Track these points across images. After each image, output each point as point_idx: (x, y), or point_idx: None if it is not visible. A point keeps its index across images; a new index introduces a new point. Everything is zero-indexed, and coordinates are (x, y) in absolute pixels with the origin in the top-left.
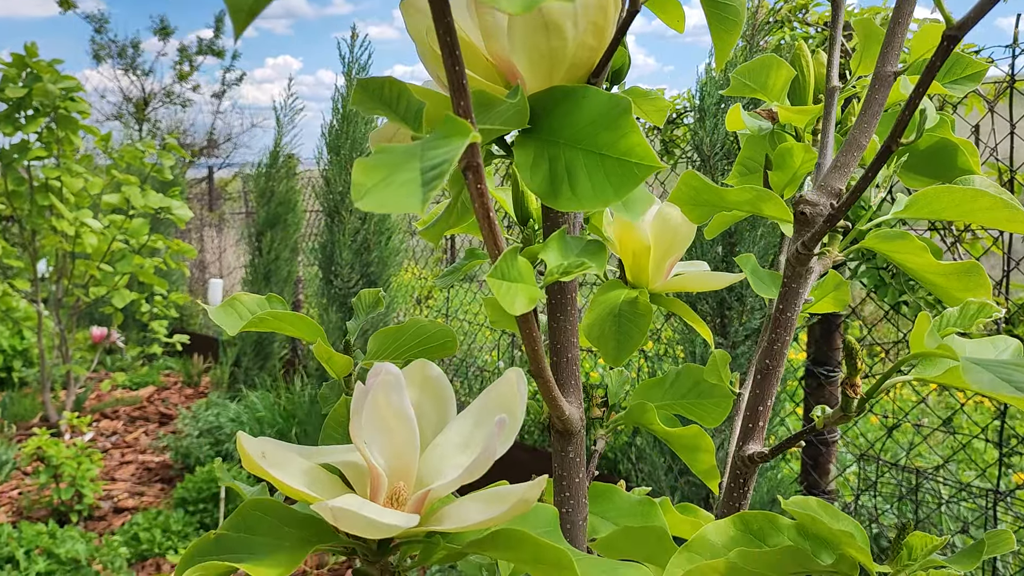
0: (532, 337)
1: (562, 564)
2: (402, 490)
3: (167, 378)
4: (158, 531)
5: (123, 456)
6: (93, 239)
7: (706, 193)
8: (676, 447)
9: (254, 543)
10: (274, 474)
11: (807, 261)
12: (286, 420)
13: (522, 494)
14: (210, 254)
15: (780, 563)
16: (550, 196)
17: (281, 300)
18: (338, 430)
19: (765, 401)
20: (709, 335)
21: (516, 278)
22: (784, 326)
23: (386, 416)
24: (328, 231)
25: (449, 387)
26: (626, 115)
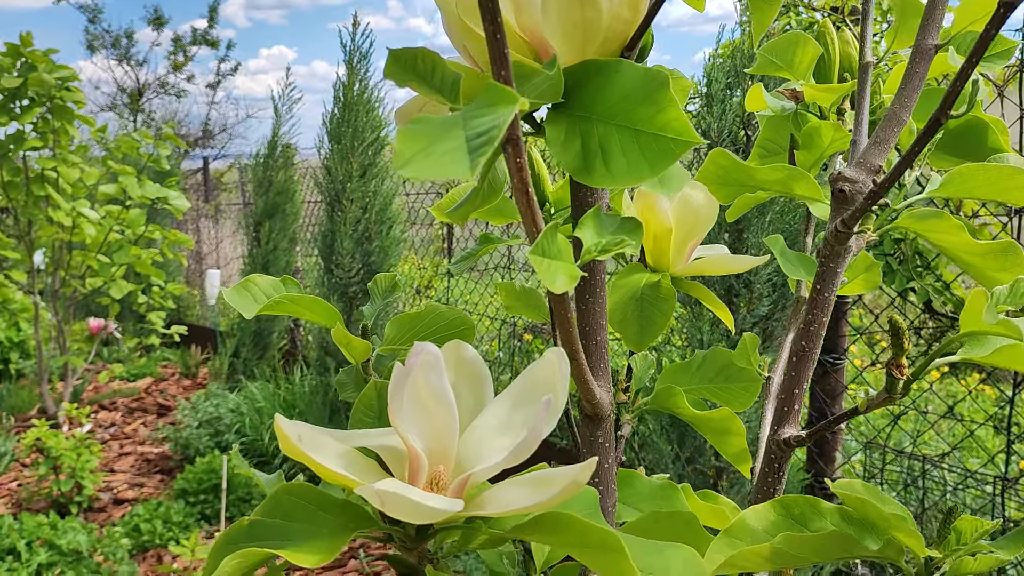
0: (566, 318)
1: (610, 546)
2: (442, 474)
3: (165, 369)
4: (159, 522)
5: (122, 447)
6: (91, 229)
7: (735, 172)
8: (705, 430)
9: (290, 529)
10: (314, 457)
11: (846, 240)
12: (286, 411)
13: (573, 476)
14: (207, 245)
15: (825, 548)
16: (583, 172)
17: (296, 283)
18: (368, 414)
19: (800, 384)
20: (730, 319)
21: (556, 255)
22: (821, 306)
23: (425, 398)
24: (329, 220)
25: (485, 369)
26: (663, 89)
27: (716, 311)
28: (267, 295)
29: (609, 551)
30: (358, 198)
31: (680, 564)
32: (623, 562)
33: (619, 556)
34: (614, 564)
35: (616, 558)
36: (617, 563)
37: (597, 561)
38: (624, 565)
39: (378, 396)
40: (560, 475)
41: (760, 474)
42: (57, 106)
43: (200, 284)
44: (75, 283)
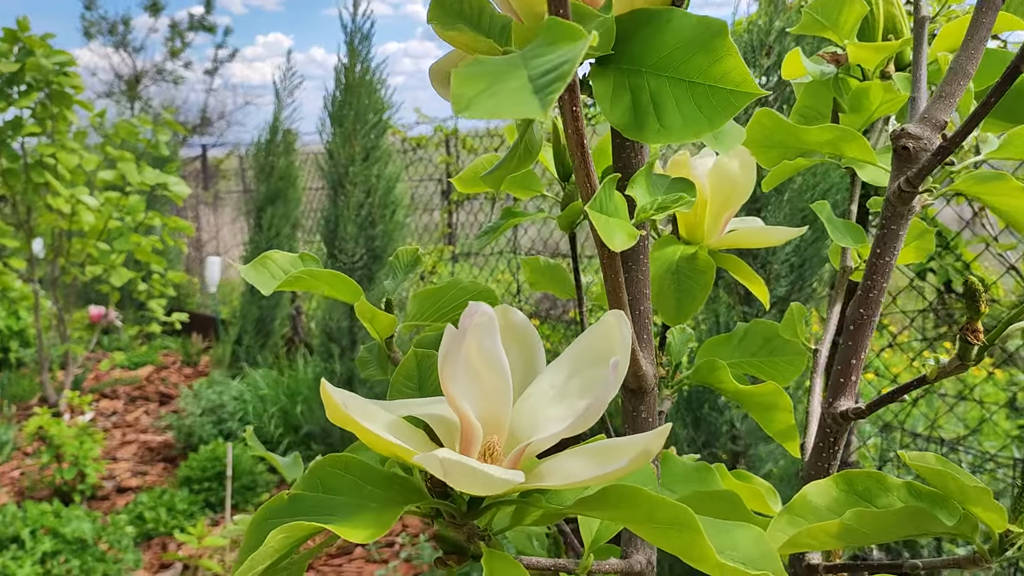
0: (617, 282)
1: (684, 523)
2: (495, 444)
3: (166, 358)
4: (163, 510)
5: (124, 436)
6: (90, 216)
7: (780, 133)
8: (749, 406)
9: (334, 504)
10: (364, 424)
11: (910, 199)
12: (290, 398)
13: (644, 445)
14: (206, 232)
15: (899, 524)
16: (634, 129)
17: (315, 259)
18: (408, 385)
19: (858, 354)
20: (766, 295)
21: (613, 212)
22: (881, 272)
23: (477, 364)
24: (332, 204)
25: (536, 334)
26: (719, 37)
27: (751, 286)
28: (285, 271)
29: (683, 528)
30: (361, 182)
31: (748, 543)
32: (698, 540)
33: (694, 534)
34: (688, 542)
35: (690, 536)
36: (691, 541)
37: (668, 539)
38: (699, 543)
39: (418, 365)
40: (629, 444)
41: (814, 449)
42: (55, 91)
43: (200, 272)
44: (75, 271)
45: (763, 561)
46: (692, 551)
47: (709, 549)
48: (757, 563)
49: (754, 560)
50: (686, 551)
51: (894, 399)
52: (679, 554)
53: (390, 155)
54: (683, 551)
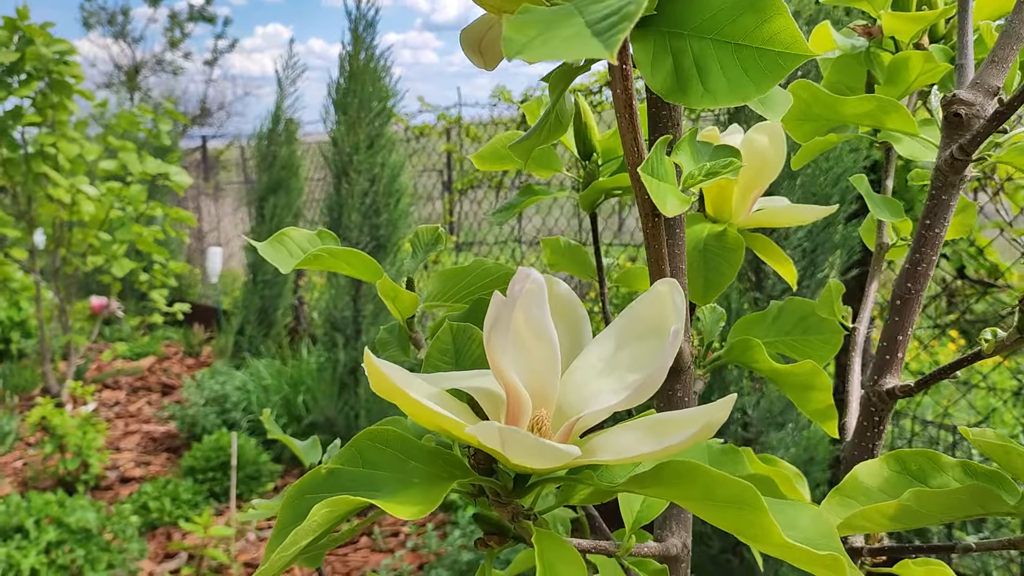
0: (660, 253)
1: (747, 501)
2: (544, 419)
3: (168, 348)
4: (167, 500)
5: (127, 426)
6: (90, 206)
7: (818, 106)
8: (785, 387)
9: (376, 479)
10: (412, 394)
11: (963, 168)
12: (293, 388)
13: (709, 417)
14: (207, 223)
15: (961, 504)
16: (677, 93)
17: (333, 236)
18: (444, 359)
19: (905, 329)
20: (793, 276)
21: (664, 176)
22: (931, 244)
23: (524, 334)
24: (336, 193)
25: (581, 306)
26: None
27: (778, 267)
28: (303, 249)
29: (744, 506)
30: (365, 170)
31: (808, 522)
32: (762, 518)
33: (757, 512)
34: (749, 521)
35: (753, 514)
36: (753, 520)
37: (727, 517)
38: (763, 521)
39: (454, 339)
40: (691, 417)
41: (857, 429)
42: (55, 81)
43: (201, 262)
44: (76, 261)
45: (824, 541)
46: (753, 530)
47: (774, 527)
48: (817, 543)
49: (814, 540)
50: (747, 530)
51: (945, 376)
52: (737, 533)
53: (394, 143)
54: (743, 530)
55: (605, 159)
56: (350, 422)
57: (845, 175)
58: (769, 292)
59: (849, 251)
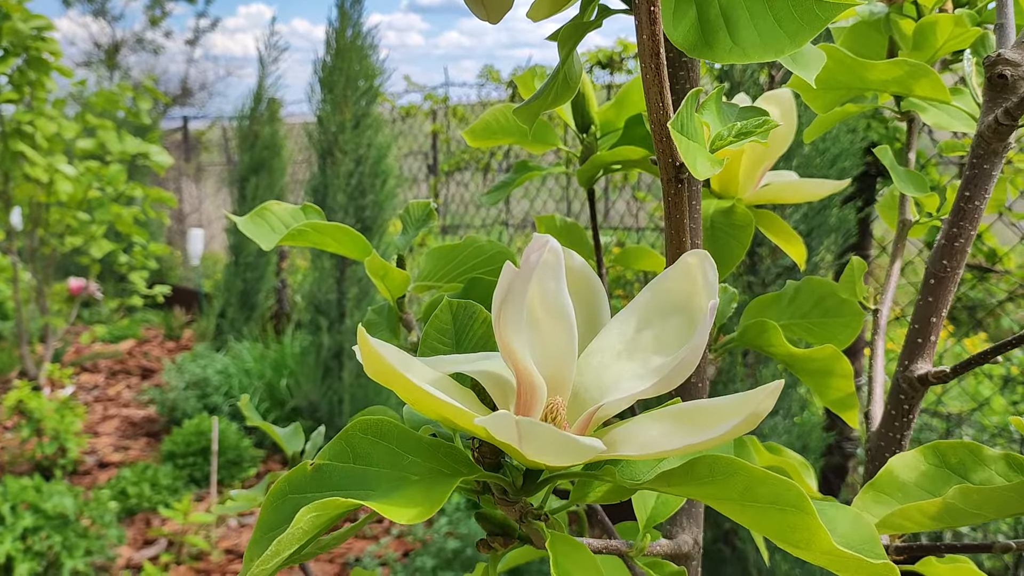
0: (681, 224)
1: (791, 503)
2: (559, 407)
3: (147, 331)
4: (147, 485)
5: (106, 410)
6: (68, 186)
7: (842, 73)
8: (802, 373)
9: (369, 476)
10: (412, 380)
11: (1008, 134)
12: (276, 372)
13: (754, 407)
14: (188, 204)
15: (1011, 502)
16: (702, 47)
17: (318, 210)
18: (443, 341)
19: (939, 311)
20: (802, 255)
21: (694, 136)
22: (970, 218)
23: (538, 312)
24: (321, 173)
25: (599, 282)
26: None
27: (786, 245)
28: (286, 224)
29: (787, 508)
30: (351, 150)
31: (848, 525)
32: (808, 522)
33: (802, 515)
34: (793, 524)
35: (797, 517)
36: (798, 524)
37: (767, 520)
38: (809, 525)
39: (454, 318)
40: (731, 406)
41: (885, 418)
42: (33, 57)
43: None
44: (54, 242)
45: (865, 545)
46: (797, 535)
47: (821, 530)
48: (859, 548)
49: (855, 544)
50: (788, 535)
51: (986, 360)
52: (777, 538)
53: (381, 123)
54: (784, 535)
55: (603, 132)
56: (334, 407)
57: (842, 156)
58: (763, 276)
59: (845, 234)
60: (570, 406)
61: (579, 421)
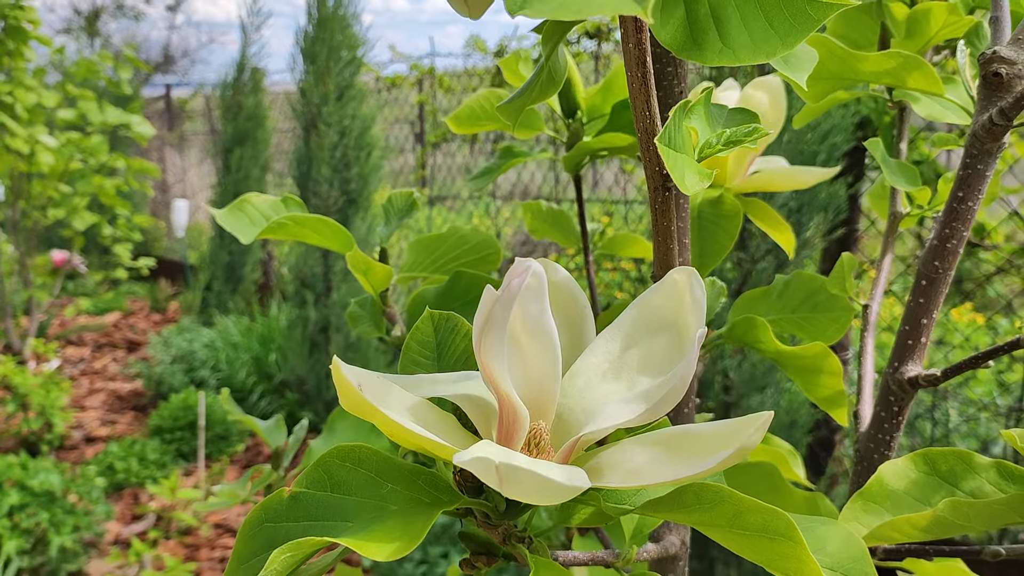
0: (668, 231)
1: (779, 532)
2: (543, 432)
3: (133, 304)
4: (134, 460)
5: (92, 384)
6: (49, 157)
7: (834, 63)
8: (791, 370)
9: (346, 506)
10: (387, 413)
11: (1002, 135)
12: (263, 345)
13: (742, 442)
14: (172, 175)
15: (1001, 515)
16: (690, 48)
17: (299, 202)
18: (424, 354)
19: (930, 313)
20: (791, 243)
21: (682, 147)
22: (963, 218)
23: (520, 336)
24: (304, 145)
25: (583, 297)
26: None
27: (775, 234)
28: (266, 216)
29: (776, 537)
30: (335, 122)
31: (838, 544)
32: (797, 552)
33: (791, 544)
34: (782, 554)
35: (786, 547)
36: (787, 553)
37: (756, 548)
38: (799, 555)
39: (435, 330)
40: (719, 436)
41: (874, 419)
42: (11, 26)
43: (167, 216)
44: (36, 214)
45: (855, 566)
46: (786, 563)
47: (810, 562)
48: (849, 568)
49: (844, 564)
50: (779, 563)
51: (977, 365)
52: (767, 565)
53: (365, 94)
54: (773, 563)
55: (590, 117)
56: (321, 381)
57: (833, 131)
58: (753, 253)
59: (835, 211)
60: (555, 428)
61: (563, 449)
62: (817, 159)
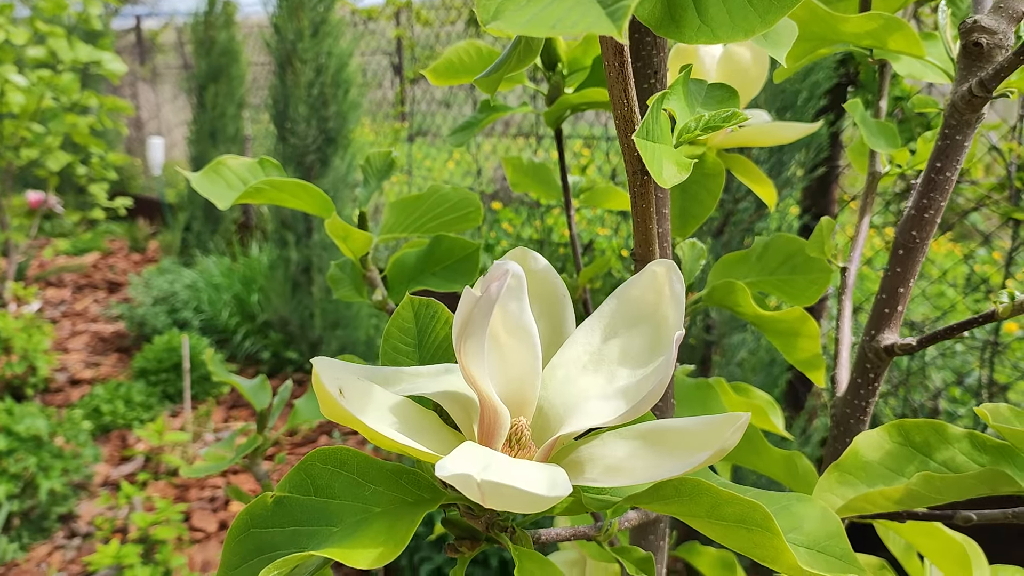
0: (648, 213)
1: (754, 521)
2: (523, 428)
3: (112, 244)
4: (120, 403)
5: (74, 326)
6: (19, 97)
7: (815, 24)
8: (770, 332)
9: (331, 510)
10: (367, 423)
11: (981, 105)
12: (245, 286)
13: (724, 440)
14: (146, 111)
15: (972, 487)
16: (668, 25)
17: (277, 165)
18: (405, 341)
19: (907, 281)
20: (773, 197)
21: (659, 137)
22: (940, 188)
23: (500, 334)
24: (280, 83)
25: (562, 286)
26: None
27: (757, 188)
28: (243, 180)
29: (755, 528)
30: (311, 59)
31: (814, 522)
32: (773, 541)
33: (769, 535)
34: (759, 542)
35: (763, 536)
36: (764, 542)
37: (735, 537)
38: (774, 544)
39: (416, 316)
40: (699, 434)
41: (850, 386)
42: None
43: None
44: (9, 155)
45: (831, 543)
46: (764, 551)
47: (786, 551)
48: (825, 545)
49: (821, 542)
50: (756, 551)
51: (952, 335)
52: (746, 552)
53: (341, 30)
54: (752, 551)
55: (571, 69)
56: (305, 321)
57: (815, 69)
58: (735, 193)
59: (816, 149)
60: (536, 423)
61: (544, 447)
62: (799, 97)
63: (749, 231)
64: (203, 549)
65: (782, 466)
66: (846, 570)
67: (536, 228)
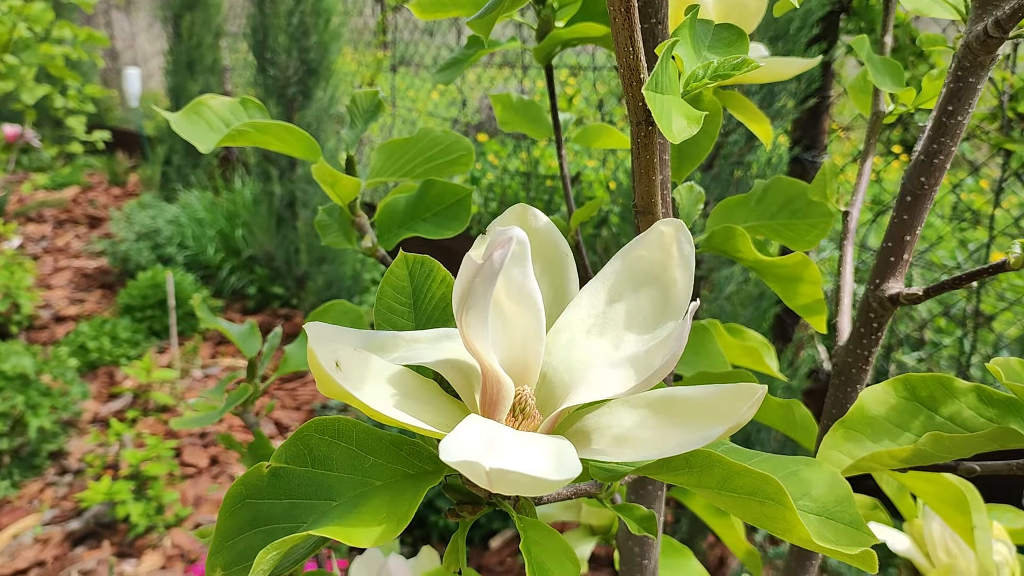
0: (651, 164)
1: (766, 494)
2: (528, 397)
3: (91, 177)
4: (106, 339)
5: (56, 262)
6: None
7: None
8: (770, 278)
9: (329, 482)
10: (365, 400)
11: (996, 47)
12: (229, 221)
13: (737, 419)
14: (121, 41)
15: (980, 445)
16: None
17: (260, 105)
18: (400, 300)
19: (914, 229)
20: (769, 135)
21: (667, 88)
22: (951, 133)
23: (501, 299)
24: (259, 12)
25: (564, 244)
26: None
27: (753, 125)
28: (225, 121)
29: (767, 500)
30: None
31: (823, 487)
32: (786, 514)
33: (780, 508)
34: (771, 515)
35: (776, 510)
36: (776, 514)
37: (747, 509)
38: (787, 516)
39: (410, 275)
40: (710, 402)
41: (853, 335)
42: None
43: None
44: None
45: (840, 508)
46: (776, 524)
47: (799, 524)
48: (834, 512)
49: (830, 508)
50: (768, 523)
51: (959, 285)
52: (758, 524)
53: None
54: (764, 522)
55: (562, 3)
56: (290, 256)
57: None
58: (725, 124)
59: (808, 79)
60: (540, 390)
61: (549, 418)
62: (791, 26)
63: (739, 164)
64: (195, 484)
65: (780, 415)
66: (856, 538)
67: (523, 160)
